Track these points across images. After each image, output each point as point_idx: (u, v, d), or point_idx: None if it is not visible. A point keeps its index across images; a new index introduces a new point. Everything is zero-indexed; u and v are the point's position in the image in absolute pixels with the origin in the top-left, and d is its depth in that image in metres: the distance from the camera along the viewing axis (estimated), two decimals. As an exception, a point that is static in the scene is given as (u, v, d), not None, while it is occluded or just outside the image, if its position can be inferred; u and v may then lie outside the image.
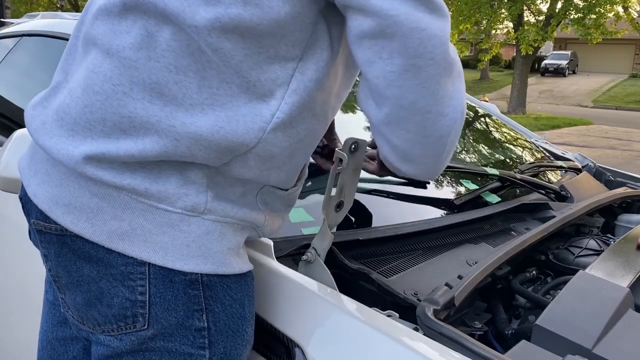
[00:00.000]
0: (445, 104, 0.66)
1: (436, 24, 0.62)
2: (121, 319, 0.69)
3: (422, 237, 1.08)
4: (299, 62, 0.68)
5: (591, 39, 14.37)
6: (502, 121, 2.06)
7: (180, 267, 0.68)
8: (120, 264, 0.68)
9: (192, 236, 0.69)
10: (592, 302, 0.88)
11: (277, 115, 0.68)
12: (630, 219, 1.52)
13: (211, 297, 0.71)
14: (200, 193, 0.69)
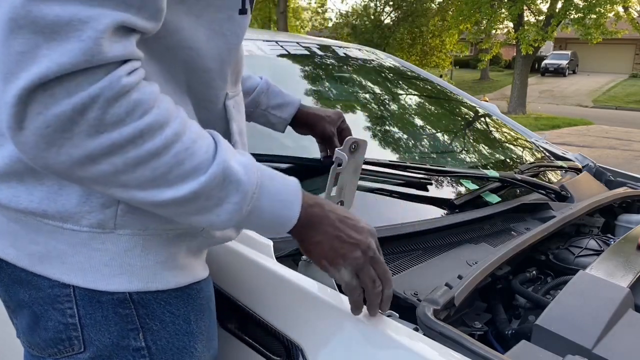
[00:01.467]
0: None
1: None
2: (59, 342, 0.66)
3: (422, 237, 1.08)
4: None
5: (591, 39, 14.37)
6: (502, 121, 2.06)
7: (104, 288, 0.64)
8: (47, 287, 0.65)
9: (110, 254, 0.64)
10: (592, 302, 0.88)
11: None
12: (630, 219, 1.52)
13: (147, 315, 0.66)
14: (106, 208, 0.63)
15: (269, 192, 0.62)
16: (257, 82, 1.08)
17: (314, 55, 1.85)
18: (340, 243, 0.67)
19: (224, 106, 0.72)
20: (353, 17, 22.68)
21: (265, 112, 1.09)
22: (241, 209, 0.60)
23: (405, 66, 2.24)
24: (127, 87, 0.52)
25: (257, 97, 1.07)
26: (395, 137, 1.62)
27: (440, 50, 20.42)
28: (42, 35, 0.48)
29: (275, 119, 1.09)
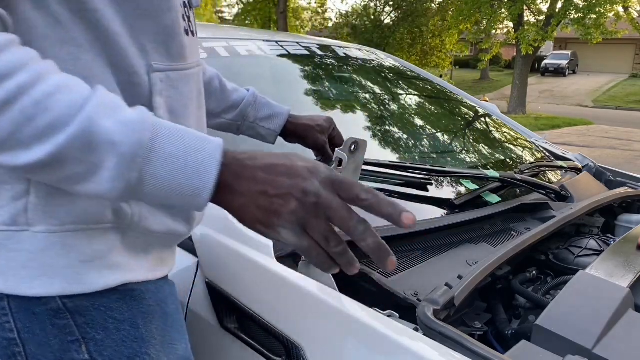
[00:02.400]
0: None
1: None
2: (6, 359, 0.62)
3: (422, 237, 1.08)
4: None
5: (591, 39, 14.37)
6: (502, 121, 2.06)
7: (25, 292, 0.60)
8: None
9: (27, 255, 0.59)
10: (592, 302, 0.88)
11: None
12: (630, 219, 1.52)
13: (86, 323, 0.62)
14: (16, 201, 0.58)
15: (165, 156, 0.52)
16: (243, 95, 1.07)
17: (314, 55, 1.85)
18: (268, 198, 0.54)
19: (149, 79, 0.65)
20: (353, 17, 22.68)
21: (253, 125, 1.07)
22: (123, 176, 0.51)
23: (405, 66, 2.24)
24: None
25: (244, 110, 1.06)
26: (395, 137, 1.62)
27: (440, 50, 20.42)
28: None
29: (264, 130, 1.08)
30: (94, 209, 0.61)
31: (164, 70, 0.66)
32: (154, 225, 0.67)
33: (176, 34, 0.67)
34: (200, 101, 0.76)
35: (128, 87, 0.63)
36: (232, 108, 1.06)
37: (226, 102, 1.06)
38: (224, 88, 1.06)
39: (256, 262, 0.88)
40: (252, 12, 21.71)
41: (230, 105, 1.06)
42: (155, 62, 0.65)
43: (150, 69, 0.64)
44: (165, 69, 0.66)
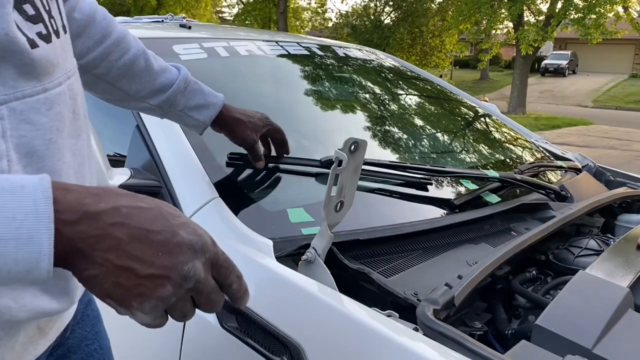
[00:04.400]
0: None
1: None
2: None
3: (422, 237, 1.08)
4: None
5: (591, 39, 14.37)
6: (502, 121, 2.06)
7: None
8: None
9: None
10: (592, 302, 0.88)
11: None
12: (630, 219, 1.52)
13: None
14: None
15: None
16: (172, 78, 0.94)
17: (314, 55, 1.85)
18: (135, 278, 0.43)
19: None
20: (353, 17, 22.69)
21: (181, 113, 0.96)
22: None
23: (405, 66, 2.24)
24: None
25: (173, 97, 0.94)
26: (395, 137, 1.62)
27: (440, 50, 20.42)
28: None
29: (192, 121, 0.98)
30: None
31: (4, 102, 0.48)
32: (20, 313, 0.51)
33: (10, 52, 0.48)
34: (76, 124, 0.58)
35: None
36: (159, 92, 0.93)
37: (152, 85, 0.92)
38: (151, 69, 0.92)
39: (256, 262, 0.88)
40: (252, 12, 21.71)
41: (156, 89, 0.93)
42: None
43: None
44: (5, 99, 0.48)
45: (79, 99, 0.60)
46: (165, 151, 1.09)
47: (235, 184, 1.09)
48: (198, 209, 0.99)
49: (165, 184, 1.05)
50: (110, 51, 0.86)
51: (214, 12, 26.56)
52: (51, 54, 0.53)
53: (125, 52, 0.88)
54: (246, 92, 1.51)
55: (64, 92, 0.56)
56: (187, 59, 1.43)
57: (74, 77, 0.59)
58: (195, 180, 1.04)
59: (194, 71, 1.43)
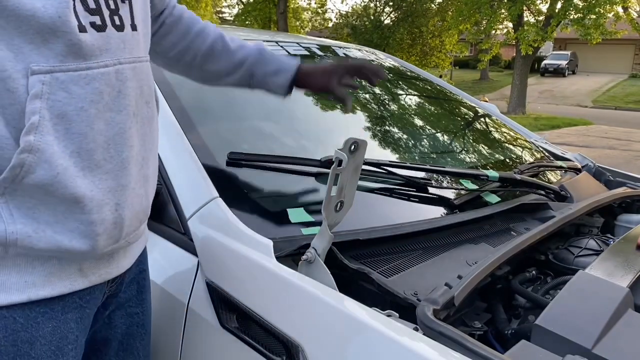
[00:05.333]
0: None
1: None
2: None
3: (422, 237, 1.08)
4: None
5: (591, 39, 14.37)
6: (502, 121, 2.06)
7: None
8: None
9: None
10: (592, 302, 0.88)
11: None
12: (630, 219, 1.52)
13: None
14: None
15: None
16: (248, 52, 1.07)
17: (314, 55, 1.85)
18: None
19: (27, 82, 0.60)
20: (353, 17, 22.68)
21: (262, 81, 1.08)
22: None
23: (405, 66, 2.24)
24: None
25: (251, 67, 1.06)
26: (395, 137, 1.62)
27: (440, 50, 20.42)
28: None
29: (273, 85, 1.08)
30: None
31: (47, 72, 0.61)
32: (38, 243, 0.64)
33: (62, 32, 0.61)
34: (118, 102, 0.69)
35: (3, 94, 0.60)
36: (239, 66, 1.06)
37: (232, 61, 1.06)
38: (227, 49, 1.06)
39: (256, 262, 0.88)
40: (252, 13, 21.69)
41: (236, 64, 1.06)
42: (34, 63, 0.60)
43: (29, 71, 0.60)
44: (50, 70, 0.61)
45: (128, 83, 0.70)
46: (165, 151, 1.09)
47: (235, 184, 1.09)
48: (198, 209, 0.99)
49: (165, 183, 1.05)
50: (193, 42, 1.03)
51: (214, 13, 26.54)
52: (100, 41, 0.66)
53: (205, 39, 1.04)
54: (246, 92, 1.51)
55: (109, 73, 0.67)
56: (187, 59, 1.42)
57: (129, 65, 0.71)
58: (195, 180, 1.04)
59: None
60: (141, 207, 0.76)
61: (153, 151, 0.80)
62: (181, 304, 0.95)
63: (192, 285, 0.95)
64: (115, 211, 0.69)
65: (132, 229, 0.75)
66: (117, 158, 0.69)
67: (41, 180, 0.61)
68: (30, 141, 0.60)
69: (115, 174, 0.69)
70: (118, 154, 0.69)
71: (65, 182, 0.63)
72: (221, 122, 1.34)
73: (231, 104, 1.41)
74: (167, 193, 1.04)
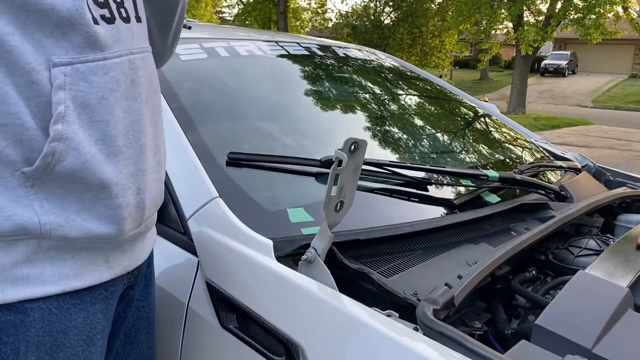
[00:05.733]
0: None
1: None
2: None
3: (422, 237, 1.08)
4: None
5: (591, 39, 14.37)
6: (501, 121, 2.06)
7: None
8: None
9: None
10: (592, 302, 0.88)
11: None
12: (630, 219, 1.52)
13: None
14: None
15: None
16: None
17: (314, 55, 1.85)
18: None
19: (50, 74, 0.63)
20: (353, 17, 22.67)
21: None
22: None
23: (405, 66, 2.24)
24: None
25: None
26: (395, 137, 1.62)
27: (440, 50, 20.42)
28: None
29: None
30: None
31: (68, 63, 0.64)
32: (70, 231, 0.65)
33: (79, 25, 0.64)
34: (134, 90, 0.72)
35: (27, 87, 0.62)
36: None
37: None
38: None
39: (256, 262, 0.88)
40: (252, 13, 21.68)
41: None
42: (55, 56, 0.63)
43: (50, 64, 0.63)
44: (70, 61, 0.64)
45: (140, 72, 0.73)
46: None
47: (235, 184, 1.09)
48: (198, 209, 1.00)
49: (165, 184, 1.05)
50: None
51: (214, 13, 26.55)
52: (112, 32, 0.69)
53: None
54: (246, 92, 1.51)
55: (123, 63, 0.70)
56: (187, 59, 1.43)
57: (139, 55, 0.74)
58: (195, 180, 1.04)
59: (194, 71, 1.43)
60: (157, 191, 0.80)
61: (162, 138, 0.83)
62: (181, 303, 0.95)
63: (192, 285, 0.95)
64: (137, 195, 0.73)
65: (151, 213, 0.79)
66: (135, 144, 0.72)
67: (71, 168, 0.64)
68: (59, 130, 0.62)
69: (135, 159, 0.72)
70: (136, 140, 0.72)
71: (93, 169, 0.65)
72: (221, 122, 1.34)
73: (231, 104, 1.42)
74: (167, 193, 1.04)
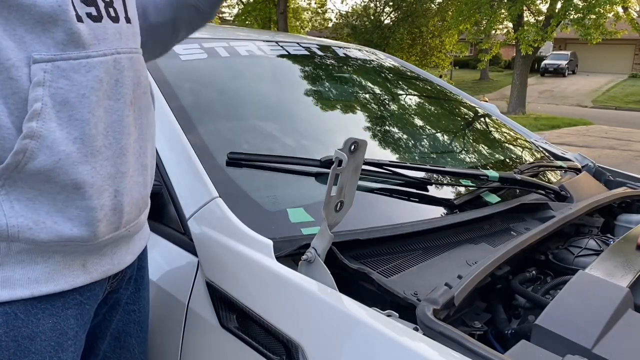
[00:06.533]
0: None
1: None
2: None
3: (422, 237, 1.08)
4: None
5: (591, 39, 14.37)
6: (501, 121, 2.06)
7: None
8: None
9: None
10: (592, 302, 0.88)
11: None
12: (630, 219, 1.52)
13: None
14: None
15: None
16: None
17: (314, 55, 1.85)
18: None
19: (29, 71, 0.62)
20: (353, 17, 22.67)
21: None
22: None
23: (405, 66, 2.24)
24: None
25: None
26: (395, 137, 1.62)
27: (440, 50, 20.42)
28: None
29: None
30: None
31: (49, 60, 0.63)
32: (40, 234, 0.64)
33: (61, 21, 0.63)
34: (117, 90, 0.71)
35: (5, 83, 0.61)
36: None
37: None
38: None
39: (256, 262, 0.88)
40: (252, 13, 21.69)
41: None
42: (36, 52, 0.62)
43: (30, 60, 0.62)
44: (52, 58, 0.63)
45: (125, 72, 0.72)
46: (165, 151, 1.09)
47: (235, 184, 1.09)
48: (198, 209, 1.00)
49: (165, 184, 1.05)
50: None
51: (214, 12, 26.48)
52: (97, 31, 0.68)
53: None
54: (246, 92, 1.51)
55: (108, 62, 0.69)
56: (187, 59, 1.43)
57: (126, 55, 0.72)
58: (195, 180, 1.04)
59: (195, 71, 1.43)
60: (140, 195, 0.77)
61: (150, 141, 0.81)
62: (181, 303, 0.95)
63: (192, 285, 0.95)
64: (115, 197, 0.71)
65: (132, 217, 0.76)
66: (115, 145, 0.70)
67: (43, 166, 0.62)
68: (33, 127, 0.61)
69: (114, 160, 0.70)
70: (117, 141, 0.70)
71: (66, 168, 0.64)
72: (221, 121, 1.34)
73: (231, 104, 1.42)
74: (167, 193, 1.04)
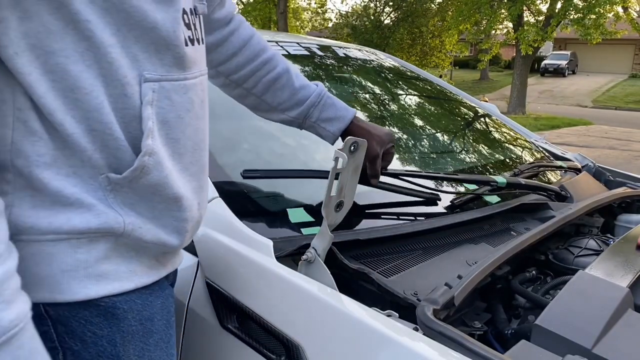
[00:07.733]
0: None
1: None
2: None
3: (422, 237, 1.08)
4: None
5: (591, 39, 14.37)
6: (501, 121, 2.06)
7: None
8: None
9: (19, 262, 0.59)
10: (592, 302, 0.88)
11: None
12: (630, 219, 1.52)
13: (66, 333, 0.64)
14: (7, 208, 0.60)
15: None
16: (309, 93, 1.06)
17: (314, 55, 1.85)
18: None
19: (140, 89, 0.65)
20: (353, 17, 22.68)
21: (314, 125, 1.07)
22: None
23: (405, 66, 2.24)
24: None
25: (307, 110, 1.06)
26: (395, 137, 1.62)
27: (440, 50, 20.43)
28: None
29: (324, 132, 1.07)
30: (77, 220, 0.62)
31: (157, 80, 0.66)
32: (146, 235, 0.68)
33: (173, 45, 0.67)
34: (202, 111, 0.75)
35: (119, 98, 0.63)
36: (296, 106, 1.06)
37: (291, 99, 1.06)
38: (291, 85, 1.05)
39: (256, 262, 0.88)
40: (252, 13, 21.68)
41: (294, 103, 1.06)
42: (147, 71, 0.65)
43: (142, 79, 0.65)
44: (159, 79, 0.66)
45: (206, 93, 0.77)
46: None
47: (236, 184, 1.09)
48: (198, 209, 0.99)
49: (166, 184, 1.05)
50: (259, 68, 1.04)
51: (214, 12, 26.48)
52: (193, 54, 0.72)
53: (271, 69, 1.04)
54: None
55: (197, 84, 0.73)
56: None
57: (204, 76, 0.77)
58: (195, 180, 1.04)
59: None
60: (206, 206, 0.82)
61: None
62: (181, 304, 0.95)
63: (192, 285, 0.95)
64: (198, 210, 0.75)
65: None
66: (200, 161, 0.75)
67: (155, 181, 0.66)
68: (150, 145, 0.65)
69: (198, 176, 0.75)
70: (200, 158, 0.75)
71: (171, 183, 0.68)
72: (221, 121, 1.34)
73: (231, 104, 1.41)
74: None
